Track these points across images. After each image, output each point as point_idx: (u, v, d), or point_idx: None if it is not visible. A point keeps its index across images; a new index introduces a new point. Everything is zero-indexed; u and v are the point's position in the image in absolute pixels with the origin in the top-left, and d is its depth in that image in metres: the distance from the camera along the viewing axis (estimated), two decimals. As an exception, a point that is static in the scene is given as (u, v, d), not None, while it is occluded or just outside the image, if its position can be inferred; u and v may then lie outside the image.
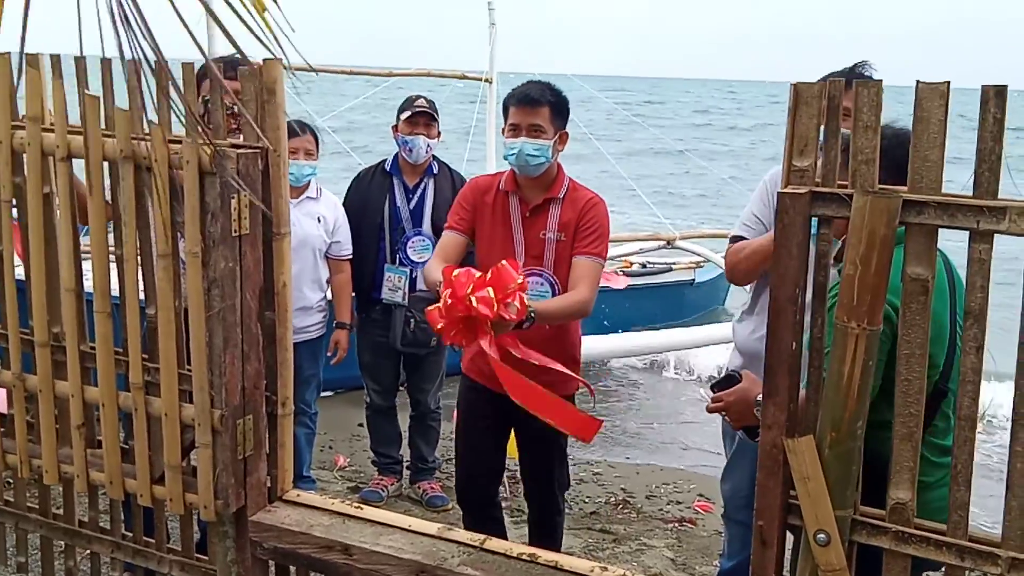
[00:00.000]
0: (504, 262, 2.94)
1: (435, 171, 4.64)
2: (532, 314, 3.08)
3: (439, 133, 4.62)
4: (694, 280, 10.14)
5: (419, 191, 4.60)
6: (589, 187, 3.63)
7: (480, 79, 8.70)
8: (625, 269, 9.82)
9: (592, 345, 7.13)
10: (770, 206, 3.23)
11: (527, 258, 3.48)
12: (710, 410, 2.74)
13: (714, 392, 2.70)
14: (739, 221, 3.40)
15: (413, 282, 4.48)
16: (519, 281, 2.92)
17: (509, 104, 3.48)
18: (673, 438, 7.23)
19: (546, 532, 3.78)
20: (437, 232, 4.41)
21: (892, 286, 1.99)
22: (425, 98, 4.61)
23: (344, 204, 4.57)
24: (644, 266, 10.08)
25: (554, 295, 3.44)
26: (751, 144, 36.22)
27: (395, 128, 4.57)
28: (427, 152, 4.55)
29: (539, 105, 3.40)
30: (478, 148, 9.22)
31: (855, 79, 2.09)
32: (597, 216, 3.45)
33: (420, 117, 4.51)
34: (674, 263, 10.27)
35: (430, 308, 2.96)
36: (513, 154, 3.41)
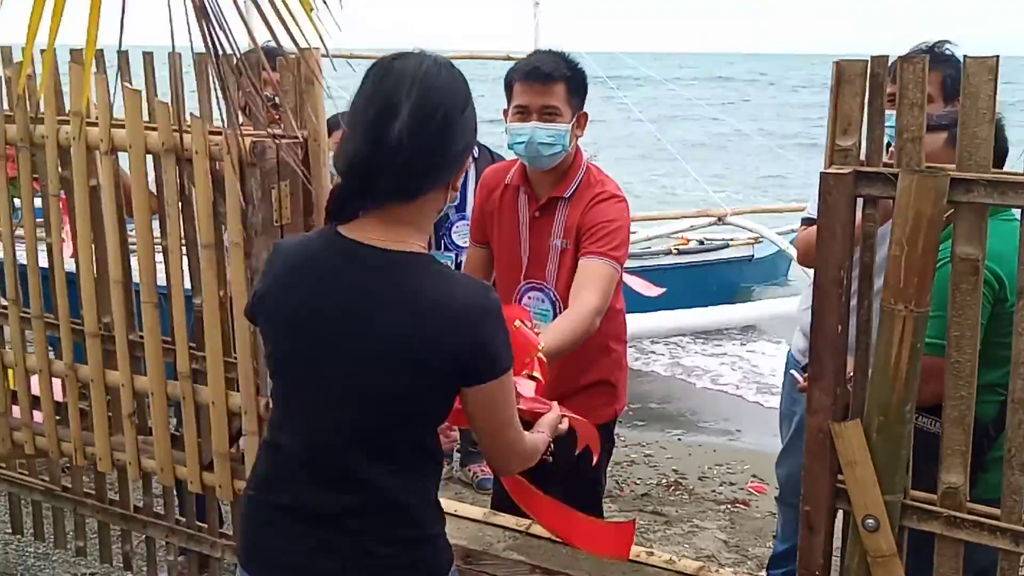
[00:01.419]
0: (518, 322, 2.29)
1: (476, 155, 4.61)
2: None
3: None
4: (753, 256, 9.91)
5: (462, 177, 4.58)
6: (616, 180, 2.95)
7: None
8: (681, 246, 9.64)
9: (640, 323, 7.05)
10: None
11: (531, 268, 2.91)
12: (803, 389, 2.69)
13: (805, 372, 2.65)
14: (812, 200, 3.30)
15: (459, 266, 4.48)
16: (540, 345, 2.30)
17: (514, 80, 2.80)
18: (728, 417, 7.18)
19: None
20: None
21: (992, 253, 1.93)
22: None
23: None
24: (701, 243, 9.88)
25: (555, 314, 2.82)
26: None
27: None
28: None
29: (553, 82, 2.73)
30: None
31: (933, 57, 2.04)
32: (607, 211, 2.77)
33: None
34: (731, 239, 10.04)
35: None
36: (522, 143, 2.75)
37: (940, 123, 2.58)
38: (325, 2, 1.89)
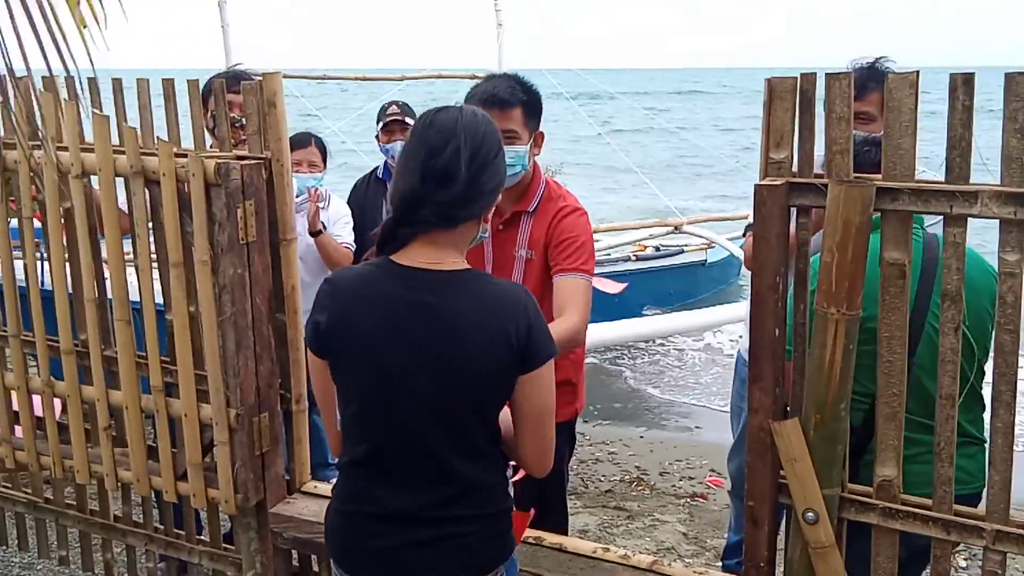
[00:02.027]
0: None
1: None
2: None
3: None
4: (706, 260, 10.21)
5: None
6: (574, 194, 2.98)
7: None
8: (639, 252, 9.91)
9: (601, 333, 7.07)
10: None
11: (495, 276, 2.75)
12: None
13: None
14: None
15: None
16: None
17: (473, 105, 2.69)
18: (688, 414, 7.20)
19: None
20: None
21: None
22: (398, 104, 4.46)
23: None
24: (658, 249, 10.18)
25: None
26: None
27: (378, 138, 4.47)
28: None
29: (510, 107, 2.72)
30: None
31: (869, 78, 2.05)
32: (573, 226, 2.81)
33: (394, 125, 4.34)
34: (686, 245, 10.29)
35: None
36: None
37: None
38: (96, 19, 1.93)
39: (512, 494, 2.07)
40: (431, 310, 1.80)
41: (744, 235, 3.43)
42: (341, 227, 4.15)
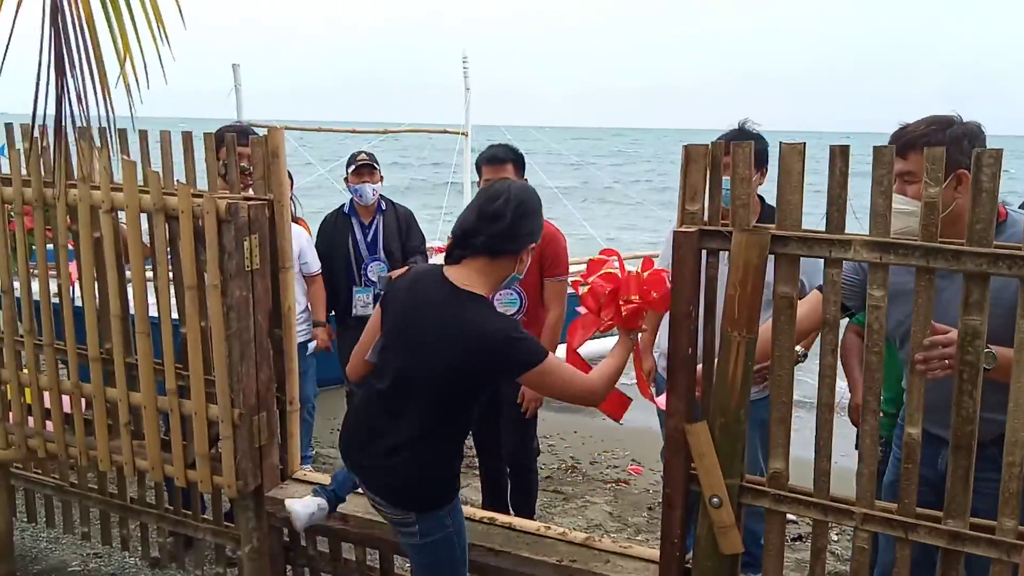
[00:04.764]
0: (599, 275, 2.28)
1: (383, 208, 4.52)
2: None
3: (381, 177, 4.47)
4: None
5: (373, 226, 4.47)
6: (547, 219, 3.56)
7: (458, 132, 8.69)
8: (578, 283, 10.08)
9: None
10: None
11: None
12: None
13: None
14: (663, 255, 3.39)
15: (377, 297, 4.38)
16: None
17: (481, 164, 3.52)
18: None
19: (523, 487, 3.78)
20: (389, 255, 4.36)
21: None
22: (365, 152, 4.47)
23: (316, 244, 4.39)
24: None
25: (520, 304, 3.50)
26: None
27: (347, 180, 4.47)
28: (374, 195, 4.41)
29: (504, 162, 3.45)
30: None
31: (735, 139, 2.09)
32: (556, 247, 3.52)
33: (363, 169, 4.35)
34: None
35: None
36: None
37: None
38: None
39: None
40: (433, 308, 2.05)
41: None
42: (308, 256, 4.14)
